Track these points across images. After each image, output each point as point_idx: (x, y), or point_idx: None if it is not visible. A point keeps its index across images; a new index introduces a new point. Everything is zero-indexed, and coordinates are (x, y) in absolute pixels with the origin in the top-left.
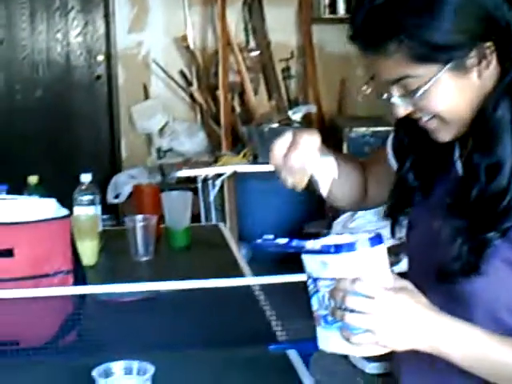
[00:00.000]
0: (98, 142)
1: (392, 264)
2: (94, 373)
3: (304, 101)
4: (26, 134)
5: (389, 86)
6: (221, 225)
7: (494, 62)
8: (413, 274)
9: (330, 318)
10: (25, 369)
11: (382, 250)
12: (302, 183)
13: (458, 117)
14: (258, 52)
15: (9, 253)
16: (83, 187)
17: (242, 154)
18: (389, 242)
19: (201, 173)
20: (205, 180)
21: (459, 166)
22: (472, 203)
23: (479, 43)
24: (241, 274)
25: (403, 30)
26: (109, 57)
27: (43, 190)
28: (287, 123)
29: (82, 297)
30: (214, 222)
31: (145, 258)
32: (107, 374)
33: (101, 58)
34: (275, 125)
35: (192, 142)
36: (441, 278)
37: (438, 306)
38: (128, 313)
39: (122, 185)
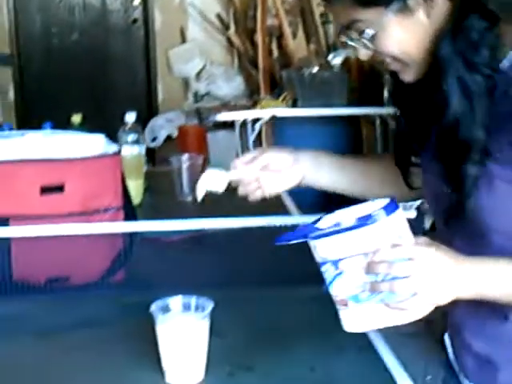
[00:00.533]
0: (135, 86)
1: None
2: (153, 308)
3: (342, 46)
4: (64, 76)
5: (347, 31)
6: None
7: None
8: (438, 226)
9: (363, 296)
10: (76, 305)
11: (399, 213)
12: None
13: (413, 57)
14: None
15: (59, 189)
16: (127, 127)
17: (281, 98)
18: None
19: (240, 116)
20: (243, 124)
21: None
22: (439, 141)
23: None
24: (288, 214)
25: None
26: (145, 0)
27: (87, 129)
28: (327, 67)
29: (132, 234)
30: None
31: (190, 198)
32: (165, 309)
33: (137, 1)
34: (315, 69)
35: (229, 85)
36: (446, 222)
37: (461, 249)
38: (177, 251)
39: (159, 128)
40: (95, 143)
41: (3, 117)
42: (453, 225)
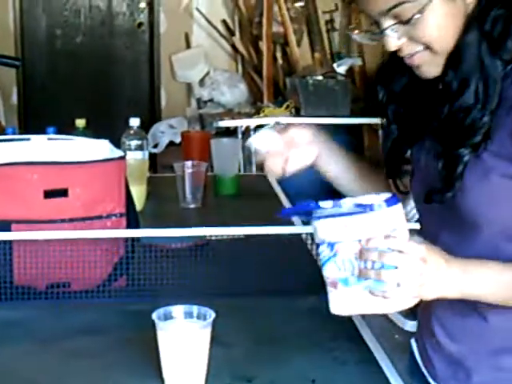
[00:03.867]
0: (138, 91)
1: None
2: (154, 315)
3: (347, 54)
4: (67, 79)
5: (381, 19)
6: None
7: None
8: (423, 221)
9: (352, 280)
10: (77, 311)
11: (399, 208)
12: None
13: (447, 45)
14: (302, 3)
15: (63, 193)
16: (131, 131)
17: (284, 106)
18: None
19: (243, 123)
20: (245, 131)
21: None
22: (443, 121)
23: None
24: (291, 224)
25: None
26: (151, 4)
27: (90, 133)
28: (332, 76)
29: (134, 240)
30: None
31: (193, 205)
32: (167, 317)
33: (143, 5)
34: (320, 77)
35: (233, 92)
36: (427, 198)
37: (447, 244)
38: (179, 258)
39: (161, 135)
40: (100, 148)
41: (6, 120)
42: (445, 216)
